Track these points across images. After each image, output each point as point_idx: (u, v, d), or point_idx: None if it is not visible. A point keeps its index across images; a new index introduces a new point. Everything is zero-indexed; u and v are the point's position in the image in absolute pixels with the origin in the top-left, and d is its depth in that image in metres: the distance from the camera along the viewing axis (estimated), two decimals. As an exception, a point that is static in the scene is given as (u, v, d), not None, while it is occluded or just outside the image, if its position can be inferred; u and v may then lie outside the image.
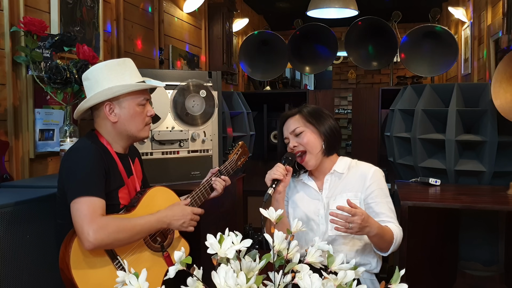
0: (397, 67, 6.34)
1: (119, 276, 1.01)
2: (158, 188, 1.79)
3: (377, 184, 1.74)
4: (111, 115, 1.67)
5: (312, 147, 1.74)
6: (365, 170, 1.78)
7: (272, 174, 1.71)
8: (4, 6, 2.12)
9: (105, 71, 1.68)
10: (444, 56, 4.39)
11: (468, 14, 4.82)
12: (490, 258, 2.78)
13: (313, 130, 1.76)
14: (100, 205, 1.52)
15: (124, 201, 1.68)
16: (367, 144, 4.58)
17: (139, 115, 1.69)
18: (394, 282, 0.99)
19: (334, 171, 1.79)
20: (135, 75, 1.72)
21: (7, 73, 2.13)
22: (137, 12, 3.40)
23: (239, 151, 2.09)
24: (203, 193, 1.90)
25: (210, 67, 4.72)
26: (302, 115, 1.78)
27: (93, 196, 1.50)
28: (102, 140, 1.69)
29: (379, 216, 1.69)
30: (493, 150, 2.56)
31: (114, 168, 1.66)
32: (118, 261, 1.58)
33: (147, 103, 1.72)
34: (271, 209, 1.15)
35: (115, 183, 1.65)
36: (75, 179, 1.53)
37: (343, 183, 1.77)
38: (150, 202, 1.71)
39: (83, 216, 1.47)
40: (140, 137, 1.74)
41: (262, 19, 6.89)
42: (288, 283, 1.01)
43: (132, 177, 1.75)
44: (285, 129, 1.81)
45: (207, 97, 2.57)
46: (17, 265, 1.59)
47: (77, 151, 1.61)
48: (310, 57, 5.17)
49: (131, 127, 1.69)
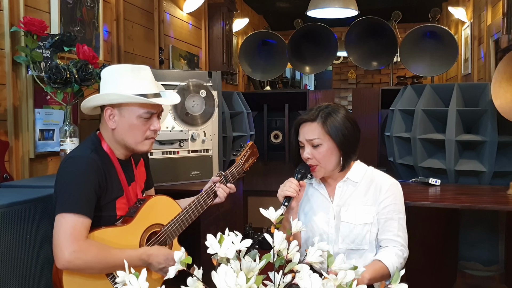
0: (397, 67, 6.34)
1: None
2: (158, 197, 1.74)
3: (392, 199, 1.63)
4: (110, 121, 1.60)
5: (326, 163, 1.62)
6: (382, 182, 1.66)
7: (285, 191, 1.58)
8: (4, 6, 2.12)
9: (116, 74, 1.61)
10: (444, 56, 4.39)
11: (468, 14, 4.82)
12: (490, 258, 2.78)
13: (331, 145, 1.61)
14: (85, 225, 1.47)
15: (121, 211, 1.63)
16: (367, 144, 4.57)
17: (138, 128, 1.60)
18: (394, 282, 0.99)
19: (347, 179, 1.68)
20: (146, 85, 1.62)
21: (7, 73, 2.13)
22: (137, 12, 3.40)
23: (248, 152, 2.01)
24: (206, 200, 1.83)
25: (210, 67, 4.73)
26: (322, 124, 1.60)
27: (80, 215, 1.45)
28: (104, 144, 1.63)
29: (385, 234, 1.61)
30: (493, 150, 2.56)
31: (113, 178, 1.60)
32: (113, 275, 1.53)
33: (152, 116, 1.62)
34: (271, 209, 1.14)
35: (113, 193, 1.60)
36: (65, 192, 1.48)
37: (356, 192, 1.66)
38: (149, 212, 1.66)
39: (66, 234, 1.42)
40: (138, 150, 1.65)
41: (262, 19, 6.89)
42: (288, 283, 1.01)
43: (133, 184, 1.70)
44: (301, 134, 1.64)
45: (207, 97, 2.57)
46: (17, 265, 1.59)
47: (73, 162, 1.54)
48: (310, 57, 5.17)
49: (128, 138, 1.61)
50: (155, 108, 1.63)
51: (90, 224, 1.49)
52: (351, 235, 1.61)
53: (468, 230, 2.82)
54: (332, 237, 1.64)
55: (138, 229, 1.64)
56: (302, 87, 8.41)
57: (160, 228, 1.70)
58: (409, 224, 1.85)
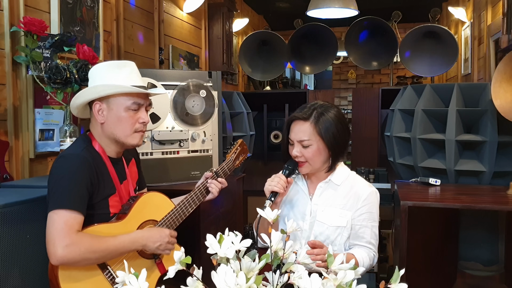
0: (397, 67, 6.34)
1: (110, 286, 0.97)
2: (151, 194, 1.75)
3: (368, 208, 1.69)
4: (99, 115, 1.62)
5: (315, 161, 1.67)
6: (361, 190, 1.70)
7: (273, 186, 1.62)
8: (4, 6, 2.12)
9: (103, 70, 1.64)
10: (444, 56, 4.39)
11: (468, 14, 4.82)
12: (490, 258, 2.78)
13: (321, 145, 1.64)
14: (77, 220, 1.48)
15: (114, 209, 1.64)
16: (367, 144, 4.58)
17: (126, 120, 1.61)
18: (394, 282, 0.99)
19: (329, 180, 1.72)
20: (132, 78, 1.64)
21: (7, 73, 2.13)
22: (137, 12, 3.40)
23: (238, 149, 2.05)
24: (198, 196, 1.86)
25: (210, 67, 4.73)
26: (314, 124, 1.63)
27: (72, 210, 1.47)
28: (95, 144, 1.64)
29: (359, 240, 1.69)
30: (493, 150, 2.56)
31: (105, 176, 1.62)
32: (109, 271, 1.55)
33: (140, 108, 1.64)
34: (268, 209, 1.15)
35: (105, 191, 1.61)
36: (58, 189, 1.50)
37: (335, 195, 1.71)
38: (142, 208, 1.67)
39: (57, 230, 1.44)
40: (129, 144, 1.66)
41: (262, 19, 6.89)
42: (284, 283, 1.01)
43: (125, 182, 1.71)
44: (293, 132, 1.68)
45: (207, 97, 2.57)
46: (17, 265, 1.59)
47: (65, 160, 1.56)
48: (310, 57, 5.17)
49: (117, 131, 1.62)
50: (142, 99, 1.64)
51: (82, 220, 1.50)
52: (323, 235, 1.67)
53: (468, 230, 2.82)
54: (305, 233, 1.69)
55: (132, 226, 1.65)
56: (302, 87, 8.40)
57: (154, 224, 1.72)
58: (409, 224, 1.85)
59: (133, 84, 1.63)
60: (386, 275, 2.86)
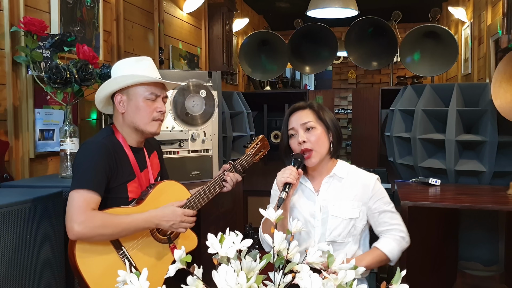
0: (397, 67, 6.35)
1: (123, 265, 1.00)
2: (167, 182, 1.81)
3: (379, 194, 1.72)
4: (120, 106, 1.73)
5: (320, 146, 1.68)
6: (367, 180, 1.73)
7: (286, 178, 1.61)
8: (4, 6, 2.12)
9: (122, 65, 1.76)
10: (444, 56, 4.39)
11: (468, 14, 4.83)
12: (490, 258, 2.78)
13: (323, 129, 1.70)
14: (94, 200, 1.58)
15: (133, 194, 1.72)
16: (367, 144, 4.59)
17: (145, 108, 1.72)
18: (395, 282, 0.99)
19: (334, 174, 1.73)
20: (150, 70, 1.76)
21: (7, 73, 2.13)
22: (137, 12, 3.40)
23: (258, 144, 2.04)
24: (215, 187, 1.88)
25: (210, 67, 4.72)
26: (313, 110, 1.71)
27: (90, 190, 1.57)
28: (117, 134, 1.75)
29: (382, 225, 1.71)
30: (493, 150, 2.56)
31: (124, 162, 1.71)
32: (123, 251, 1.63)
33: (157, 98, 1.75)
34: (271, 209, 1.14)
35: (124, 177, 1.69)
36: (78, 172, 1.62)
37: (342, 188, 1.72)
38: (159, 196, 1.74)
39: (75, 207, 1.54)
40: (148, 131, 1.75)
41: (262, 19, 6.89)
42: (287, 284, 1.01)
43: (145, 170, 1.79)
44: (294, 120, 1.71)
45: (207, 97, 2.57)
46: (17, 265, 1.59)
47: (86, 147, 1.68)
48: (310, 57, 5.17)
49: (137, 119, 1.72)
50: (158, 90, 1.75)
51: (99, 200, 1.61)
52: (338, 228, 1.67)
53: (468, 230, 2.82)
54: (318, 230, 1.69)
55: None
56: (302, 87, 8.41)
57: None
58: (409, 224, 1.85)
59: (151, 75, 1.74)
60: (386, 275, 2.85)
